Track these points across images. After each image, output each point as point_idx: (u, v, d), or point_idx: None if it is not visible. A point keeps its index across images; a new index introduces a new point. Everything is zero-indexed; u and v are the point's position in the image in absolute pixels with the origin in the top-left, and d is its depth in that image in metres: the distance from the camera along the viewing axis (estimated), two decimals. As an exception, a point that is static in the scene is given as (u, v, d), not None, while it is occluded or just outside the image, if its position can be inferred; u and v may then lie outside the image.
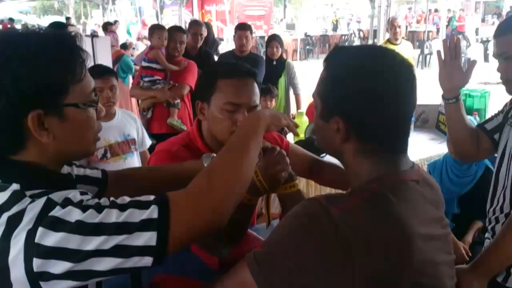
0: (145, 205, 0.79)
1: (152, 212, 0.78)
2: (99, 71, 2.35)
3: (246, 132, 1.00)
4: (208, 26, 5.83)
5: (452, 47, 1.61)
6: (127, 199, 0.81)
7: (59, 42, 0.83)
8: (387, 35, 5.20)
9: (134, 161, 2.56)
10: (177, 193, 0.83)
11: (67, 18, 9.47)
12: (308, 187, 2.92)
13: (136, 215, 0.77)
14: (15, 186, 0.79)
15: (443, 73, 1.64)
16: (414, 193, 0.86)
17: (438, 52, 1.65)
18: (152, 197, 0.81)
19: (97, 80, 2.19)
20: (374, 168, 0.87)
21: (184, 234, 0.81)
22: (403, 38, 5.04)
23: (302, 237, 0.78)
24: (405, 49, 4.85)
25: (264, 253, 0.81)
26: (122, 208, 0.78)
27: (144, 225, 0.77)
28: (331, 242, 0.76)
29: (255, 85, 1.40)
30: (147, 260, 0.78)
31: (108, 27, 8.70)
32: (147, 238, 0.77)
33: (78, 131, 0.86)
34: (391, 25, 4.82)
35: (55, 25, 3.98)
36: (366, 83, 0.84)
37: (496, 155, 1.66)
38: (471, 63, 1.64)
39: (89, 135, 0.89)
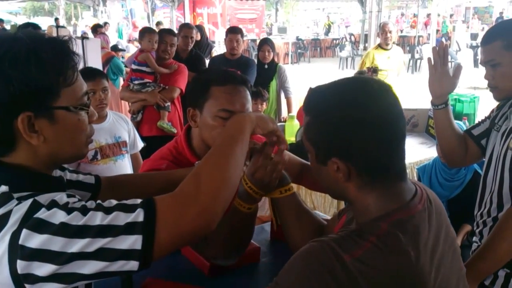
0: (131, 208, 0.78)
1: (138, 216, 0.77)
2: (90, 73, 2.35)
3: (232, 134, 0.99)
4: (201, 29, 5.83)
5: (441, 54, 1.63)
6: (113, 202, 0.80)
7: (50, 45, 0.83)
8: (378, 40, 5.22)
9: (125, 163, 2.55)
10: (164, 197, 0.82)
11: (56, 19, 9.36)
12: (299, 190, 2.92)
13: (121, 218, 0.76)
14: (3, 188, 0.79)
15: (433, 79, 1.66)
16: (422, 226, 0.84)
17: (429, 59, 1.67)
18: (139, 201, 0.80)
19: (89, 82, 2.18)
20: (380, 203, 0.85)
21: (171, 238, 0.79)
22: (393, 43, 5.04)
23: (315, 284, 0.76)
24: (396, 54, 4.88)
25: None
26: (108, 211, 0.77)
27: (129, 228, 0.76)
28: None
29: (248, 92, 1.42)
30: (133, 264, 0.76)
31: (97, 29, 8.63)
32: (132, 241, 0.75)
33: (69, 134, 0.85)
34: (382, 30, 4.82)
35: (27, 26, 3.94)
36: (351, 115, 0.82)
37: (484, 159, 1.68)
38: (457, 68, 1.65)
39: (80, 138, 0.88)
